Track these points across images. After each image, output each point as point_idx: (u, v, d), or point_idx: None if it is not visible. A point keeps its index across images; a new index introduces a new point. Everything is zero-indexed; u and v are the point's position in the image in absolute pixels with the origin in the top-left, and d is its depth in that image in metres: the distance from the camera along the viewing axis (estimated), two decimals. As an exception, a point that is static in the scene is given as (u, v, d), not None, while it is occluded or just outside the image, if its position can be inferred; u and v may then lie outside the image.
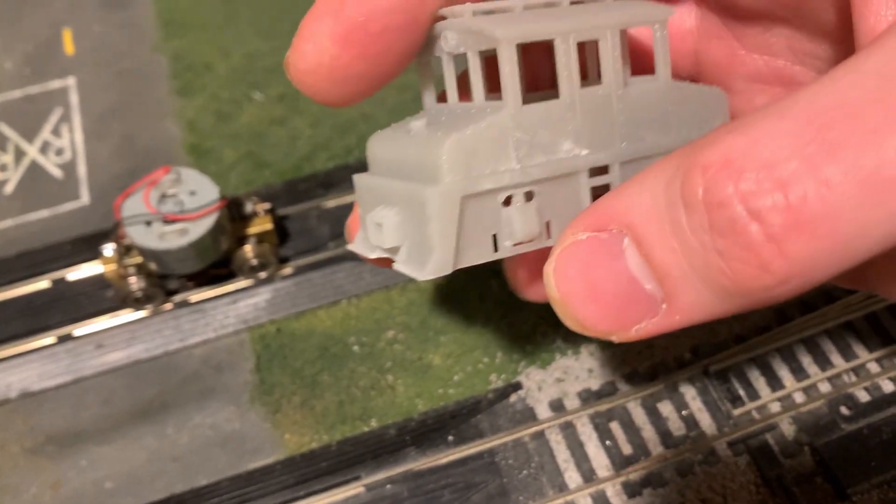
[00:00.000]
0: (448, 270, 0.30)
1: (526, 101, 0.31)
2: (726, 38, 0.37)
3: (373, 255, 0.33)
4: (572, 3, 0.34)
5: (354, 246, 0.35)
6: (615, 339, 0.29)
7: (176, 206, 0.59)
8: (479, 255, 0.31)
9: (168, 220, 0.59)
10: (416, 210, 0.30)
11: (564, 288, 0.28)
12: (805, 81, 0.35)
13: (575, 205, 0.32)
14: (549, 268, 0.29)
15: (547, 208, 0.32)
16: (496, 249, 0.31)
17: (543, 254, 0.35)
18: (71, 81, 0.83)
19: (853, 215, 0.22)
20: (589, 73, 0.36)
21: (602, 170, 0.33)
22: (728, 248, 0.24)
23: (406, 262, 0.31)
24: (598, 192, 0.32)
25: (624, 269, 0.27)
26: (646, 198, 0.26)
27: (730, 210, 0.23)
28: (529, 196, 0.31)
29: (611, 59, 0.32)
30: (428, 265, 0.30)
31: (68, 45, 0.86)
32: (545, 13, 0.32)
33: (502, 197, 0.30)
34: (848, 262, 0.23)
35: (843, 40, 0.33)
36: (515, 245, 0.31)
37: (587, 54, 0.36)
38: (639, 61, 0.37)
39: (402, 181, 0.31)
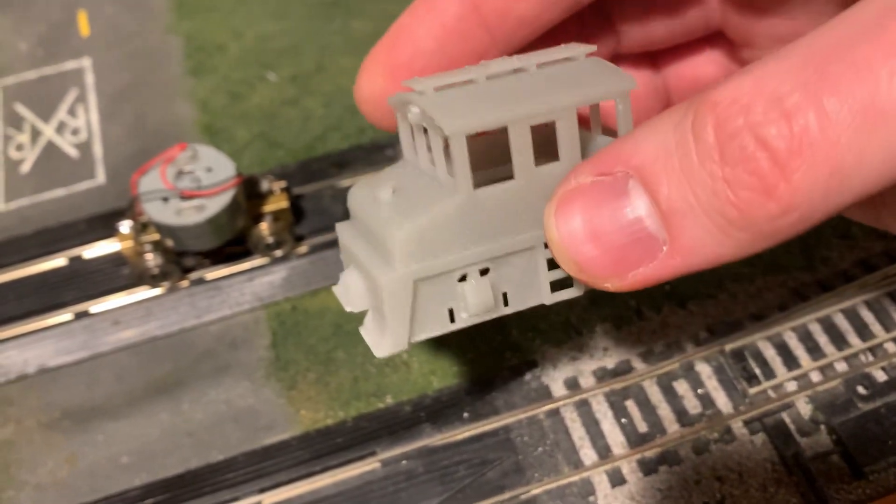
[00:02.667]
0: (404, 347, 0.32)
1: (481, 179, 0.32)
2: (748, 2, 0.39)
3: (347, 308, 0.35)
4: (539, 66, 0.34)
5: (337, 290, 0.37)
6: (609, 286, 0.29)
7: (193, 183, 0.59)
8: (437, 328, 0.32)
9: (185, 196, 0.59)
10: (373, 288, 0.32)
11: (565, 230, 0.29)
12: None
13: (532, 275, 0.33)
14: (551, 209, 0.30)
15: (503, 280, 0.33)
16: (453, 321, 0.32)
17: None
18: (86, 62, 0.83)
19: (850, 144, 0.23)
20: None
21: None
22: (736, 175, 0.25)
23: (369, 332, 0.33)
24: (554, 263, 0.33)
25: (628, 211, 0.28)
26: (654, 139, 0.27)
27: (739, 139, 0.24)
28: (484, 271, 0.32)
29: (567, 138, 0.32)
30: (383, 345, 0.32)
31: (83, 27, 0.86)
32: (506, 87, 0.32)
33: (457, 275, 0.32)
34: (846, 194, 0.24)
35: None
36: (472, 317, 0.32)
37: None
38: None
39: (366, 251, 0.33)
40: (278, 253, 0.65)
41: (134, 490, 0.56)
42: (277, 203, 0.64)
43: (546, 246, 0.32)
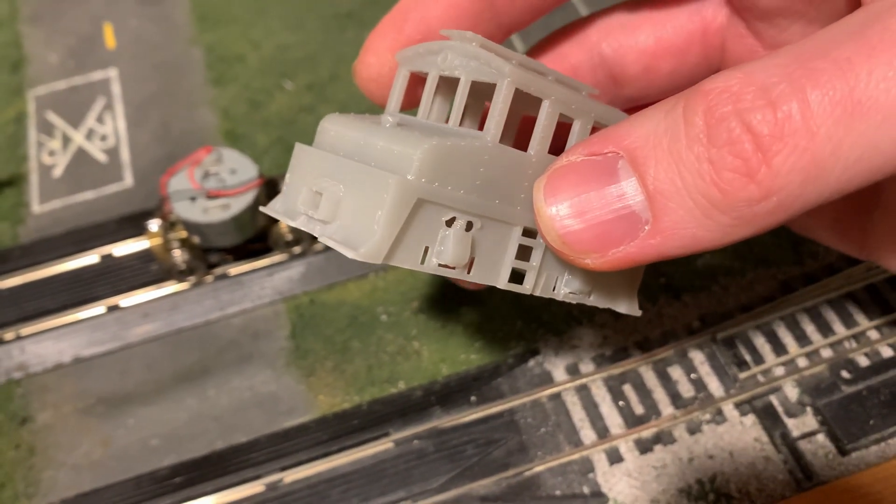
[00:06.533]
0: (378, 260, 0.30)
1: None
2: (748, 37, 0.40)
3: (293, 223, 0.34)
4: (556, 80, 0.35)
5: (271, 209, 0.36)
6: (590, 262, 0.30)
7: (218, 183, 0.64)
8: (408, 260, 0.31)
9: (211, 196, 0.63)
10: (368, 192, 0.30)
11: (552, 203, 0.30)
12: None
13: (500, 252, 0.34)
14: (540, 184, 0.31)
15: (477, 245, 0.33)
16: (423, 262, 0.32)
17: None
18: (112, 73, 0.88)
19: (829, 134, 0.25)
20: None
21: (532, 233, 0.34)
22: (721, 156, 0.26)
23: (334, 238, 0.31)
24: (521, 251, 0.34)
25: (614, 189, 0.29)
26: (646, 124, 0.29)
27: (727, 123, 0.26)
28: (469, 226, 0.33)
29: (577, 137, 0.35)
30: (363, 247, 0.30)
31: (109, 39, 0.91)
32: (538, 74, 0.34)
33: (448, 216, 0.32)
34: (823, 186, 0.26)
35: None
36: (440, 266, 0.32)
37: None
38: None
39: (360, 163, 0.32)
40: (297, 249, 0.69)
41: (163, 469, 0.60)
42: (296, 202, 0.68)
43: (524, 232, 0.34)
